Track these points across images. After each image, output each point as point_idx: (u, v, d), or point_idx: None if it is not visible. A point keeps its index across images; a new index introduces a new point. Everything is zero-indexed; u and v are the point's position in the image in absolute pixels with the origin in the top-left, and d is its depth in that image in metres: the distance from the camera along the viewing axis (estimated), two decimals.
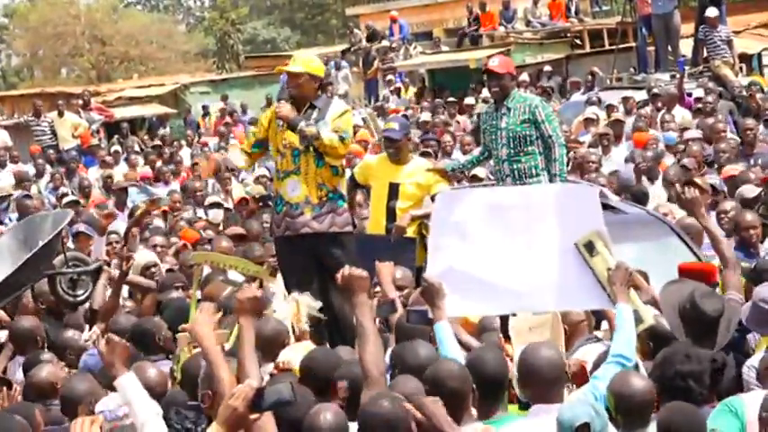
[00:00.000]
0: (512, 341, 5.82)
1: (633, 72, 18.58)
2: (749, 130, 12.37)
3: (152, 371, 5.74)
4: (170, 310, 7.52)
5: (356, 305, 5.16)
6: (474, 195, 6.27)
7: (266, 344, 6.00)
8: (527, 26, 25.93)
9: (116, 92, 29.51)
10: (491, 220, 5.82)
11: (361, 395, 4.84)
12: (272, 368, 5.90)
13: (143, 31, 48.80)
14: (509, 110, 8.27)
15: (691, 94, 15.69)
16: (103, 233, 9.06)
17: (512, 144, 8.23)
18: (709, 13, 16.28)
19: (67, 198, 13.44)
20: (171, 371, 6.33)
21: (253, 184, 13.75)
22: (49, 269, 8.01)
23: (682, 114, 14.73)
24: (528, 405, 4.93)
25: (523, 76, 20.31)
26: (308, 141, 7.31)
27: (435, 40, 27.31)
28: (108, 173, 15.80)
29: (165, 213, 12.24)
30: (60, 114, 18.81)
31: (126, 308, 8.37)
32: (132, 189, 14.20)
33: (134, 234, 10.47)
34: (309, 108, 7.43)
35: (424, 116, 18.68)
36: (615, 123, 13.97)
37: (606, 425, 4.60)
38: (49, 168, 17.16)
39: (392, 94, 23.70)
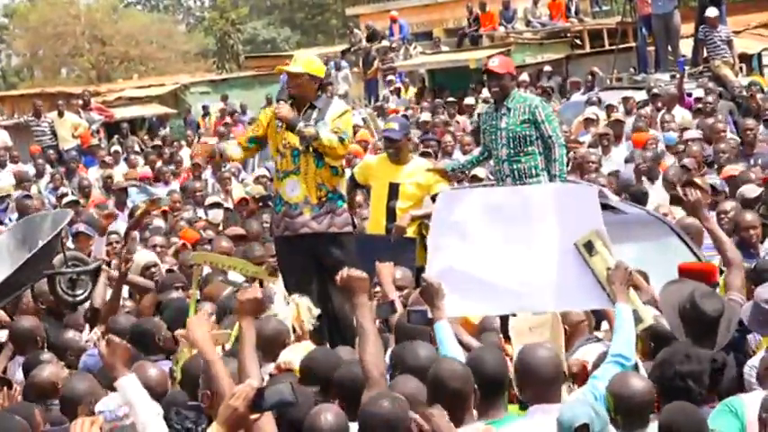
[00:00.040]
0: (512, 341, 5.82)
1: (633, 72, 18.57)
2: (749, 131, 12.36)
3: (153, 370, 5.74)
4: (170, 311, 7.52)
5: (356, 306, 5.16)
6: (474, 195, 6.26)
7: (267, 344, 6.00)
8: (527, 26, 25.92)
9: (116, 92, 29.52)
10: (491, 220, 5.82)
11: (361, 396, 4.83)
12: (272, 368, 5.90)
13: (143, 31, 48.79)
14: (509, 110, 8.27)
15: (691, 95, 15.69)
16: (104, 233, 9.07)
17: (512, 144, 8.22)
18: (709, 13, 16.28)
19: (67, 198, 13.44)
20: (170, 371, 6.33)
21: (253, 184, 13.74)
22: (49, 269, 8.01)
23: (682, 114, 14.72)
24: (528, 405, 4.93)
25: (523, 77, 20.31)
26: (307, 142, 7.31)
27: (435, 40, 27.30)
28: (108, 173, 15.79)
29: (165, 213, 12.24)
30: (60, 114, 18.80)
31: (126, 308, 8.37)
32: (132, 189, 14.20)
33: (133, 237, 10.49)
34: (309, 108, 7.42)
35: (424, 116, 18.67)
36: (615, 123, 13.97)
37: (606, 425, 4.60)
38: (49, 168, 17.16)
39: (392, 95, 23.70)
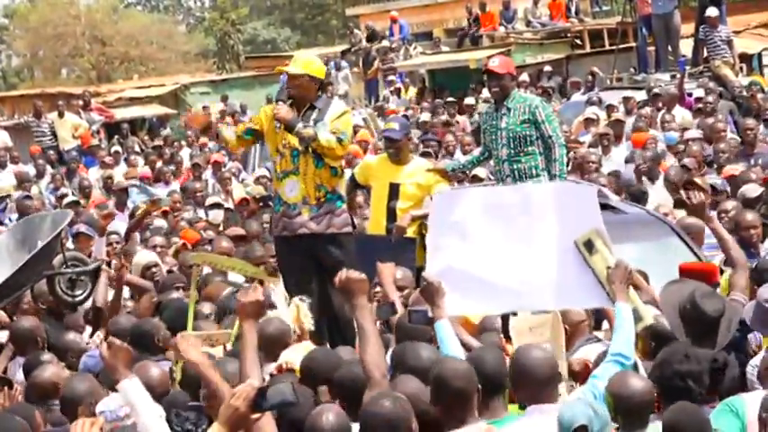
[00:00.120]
0: (512, 341, 5.81)
1: (633, 72, 18.56)
2: (749, 130, 12.35)
3: (154, 370, 5.74)
4: (169, 311, 7.53)
5: (355, 308, 5.15)
6: (472, 195, 6.26)
7: (269, 344, 6.00)
8: (527, 26, 25.91)
9: (116, 92, 29.53)
10: (490, 219, 5.81)
11: (362, 396, 4.83)
12: (273, 368, 5.90)
13: (143, 32, 48.77)
14: (509, 110, 8.27)
15: (691, 94, 15.68)
16: (103, 233, 9.04)
17: (512, 144, 8.22)
18: (709, 12, 16.27)
19: (68, 199, 13.44)
20: (170, 371, 6.32)
21: (253, 184, 13.75)
22: (49, 270, 8.01)
23: (682, 114, 14.72)
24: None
25: (524, 77, 20.31)
26: (306, 143, 7.30)
27: (435, 40, 27.30)
28: (108, 173, 15.79)
29: (166, 214, 12.24)
30: (61, 115, 18.81)
31: (127, 308, 8.38)
32: (133, 190, 14.20)
33: (133, 237, 10.48)
34: (309, 109, 7.41)
35: (424, 116, 18.67)
36: (615, 123, 13.96)
37: (607, 423, 4.60)
38: (50, 169, 17.18)
39: (392, 95, 23.70)
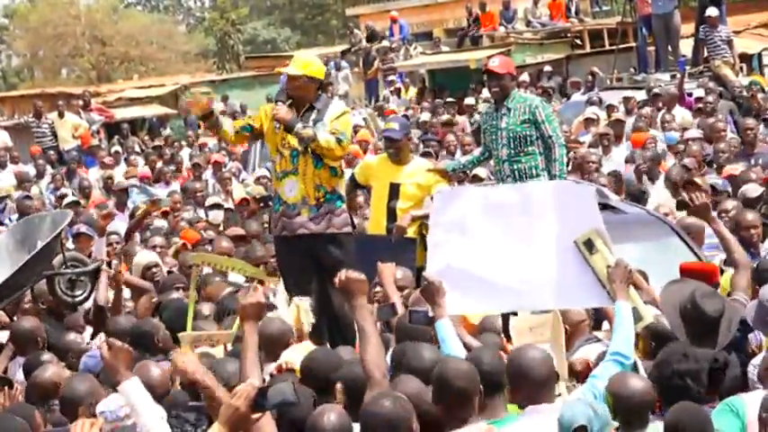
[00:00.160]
0: (513, 341, 5.81)
1: (633, 72, 18.55)
2: (749, 130, 12.35)
3: (155, 370, 5.73)
4: (169, 311, 7.52)
5: (355, 308, 5.15)
6: (472, 193, 6.27)
7: (269, 344, 6.00)
8: (527, 26, 25.92)
9: (116, 92, 29.53)
10: (490, 217, 5.82)
11: (363, 396, 4.83)
12: (273, 368, 5.90)
13: (143, 32, 48.78)
14: (509, 110, 8.26)
15: (691, 94, 15.68)
16: (102, 233, 9.02)
17: (512, 144, 8.22)
18: (709, 12, 16.27)
19: (68, 199, 13.43)
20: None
21: (253, 184, 13.74)
22: (48, 270, 8.00)
23: (682, 114, 14.72)
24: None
25: (524, 77, 20.31)
26: (305, 143, 7.29)
27: (435, 40, 27.30)
28: (108, 173, 15.79)
29: (166, 214, 12.24)
30: (61, 115, 18.81)
31: (127, 308, 8.38)
32: (133, 190, 14.19)
33: (133, 238, 10.48)
34: (308, 109, 7.40)
35: (424, 116, 18.66)
36: (615, 123, 13.95)
37: (608, 422, 4.60)
38: (50, 169, 17.17)
39: (392, 95, 23.69)
